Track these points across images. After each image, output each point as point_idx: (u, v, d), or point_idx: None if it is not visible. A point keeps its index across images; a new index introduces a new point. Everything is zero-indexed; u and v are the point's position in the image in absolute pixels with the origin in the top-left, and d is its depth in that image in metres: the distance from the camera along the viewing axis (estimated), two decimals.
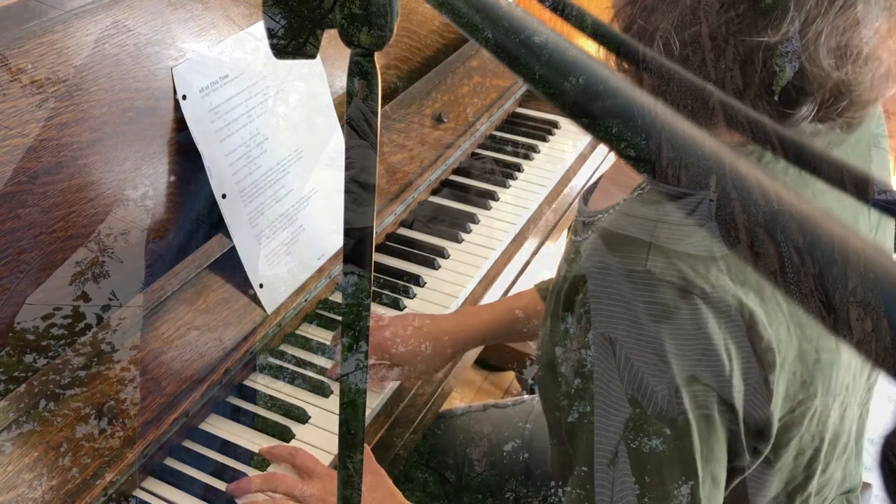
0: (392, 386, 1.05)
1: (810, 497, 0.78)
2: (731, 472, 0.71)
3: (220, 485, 0.91)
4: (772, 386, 0.65)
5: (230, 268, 1.01)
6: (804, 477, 0.76)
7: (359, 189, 0.31)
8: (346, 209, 0.31)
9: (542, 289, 1.13)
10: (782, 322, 0.64)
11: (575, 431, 0.73)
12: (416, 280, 1.21)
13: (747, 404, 0.65)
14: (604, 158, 1.61)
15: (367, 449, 0.95)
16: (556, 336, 0.78)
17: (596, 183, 0.84)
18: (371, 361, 1.03)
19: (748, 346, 0.63)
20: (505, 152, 1.52)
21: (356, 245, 0.32)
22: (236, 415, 0.99)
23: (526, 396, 1.30)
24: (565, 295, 0.71)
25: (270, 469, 0.93)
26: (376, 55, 0.30)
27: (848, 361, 0.73)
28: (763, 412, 0.66)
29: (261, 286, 1.04)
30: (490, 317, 1.11)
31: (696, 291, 0.61)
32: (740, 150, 0.63)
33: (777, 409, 0.67)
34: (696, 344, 0.62)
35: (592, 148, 1.57)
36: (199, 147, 0.97)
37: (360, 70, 0.30)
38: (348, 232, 0.32)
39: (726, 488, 0.71)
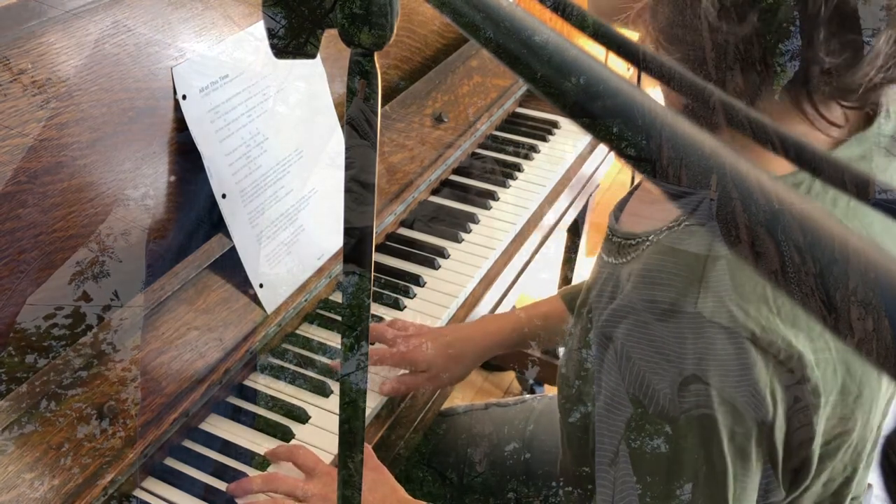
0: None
1: None
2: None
3: (220, 485, 0.91)
4: (815, 426, 0.64)
5: (230, 268, 1.01)
6: (832, 502, 0.75)
7: (359, 188, 0.31)
8: (347, 208, 0.31)
9: (566, 295, 1.13)
10: (829, 362, 0.63)
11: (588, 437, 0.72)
12: (416, 280, 1.21)
13: (788, 444, 0.65)
14: (604, 158, 1.61)
15: (368, 447, 0.95)
16: (583, 365, 0.77)
17: (626, 198, 0.82)
18: (399, 373, 1.05)
19: (795, 389, 0.62)
20: (505, 152, 1.52)
21: (356, 244, 0.32)
22: (236, 415, 0.99)
23: (527, 396, 1.30)
24: (604, 326, 0.69)
25: (271, 469, 0.93)
26: (376, 55, 0.30)
27: (886, 392, 0.72)
28: (804, 451, 0.66)
29: (261, 286, 1.04)
30: (513, 322, 1.12)
31: (746, 334, 0.60)
32: (788, 180, 0.62)
33: (818, 447, 0.66)
34: (742, 387, 0.61)
35: (592, 148, 1.57)
36: (199, 147, 0.97)
37: (361, 70, 0.30)
38: (348, 231, 0.32)
39: None
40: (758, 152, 0.29)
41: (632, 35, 0.66)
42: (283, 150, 1.08)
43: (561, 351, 1.65)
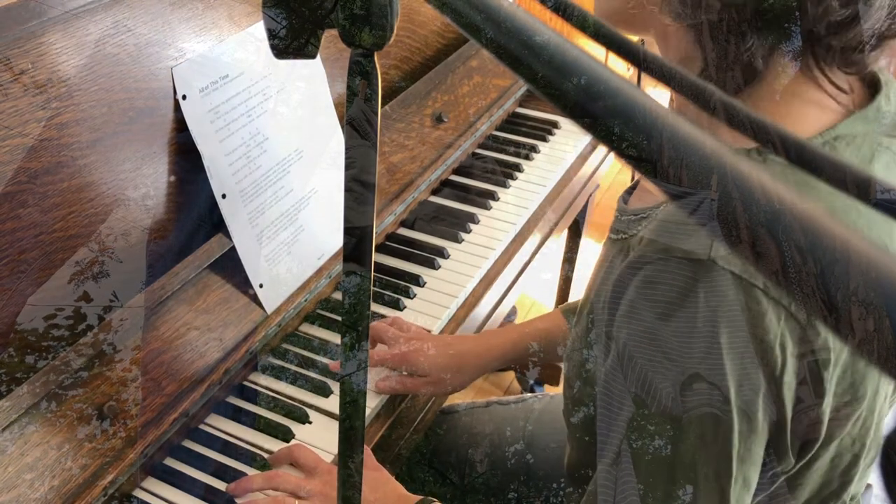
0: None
1: None
2: (773, 477, 0.70)
3: (221, 485, 0.91)
4: (825, 384, 0.64)
5: (230, 268, 1.01)
6: (840, 483, 0.75)
7: (359, 188, 0.31)
8: (347, 208, 0.31)
9: (567, 310, 1.13)
10: None
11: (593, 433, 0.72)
12: (416, 280, 1.21)
13: (798, 402, 0.64)
14: (604, 158, 1.61)
15: (367, 449, 0.95)
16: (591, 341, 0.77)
17: (634, 186, 0.82)
18: (398, 373, 1.05)
19: (806, 342, 0.62)
20: (505, 152, 1.52)
21: (356, 244, 0.32)
22: (236, 415, 0.99)
23: (527, 395, 1.30)
24: (613, 290, 0.69)
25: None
26: (376, 55, 0.30)
27: None
28: (814, 411, 0.65)
29: (261, 286, 1.04)
30: (515, 337, 1.12)
31: (759, 284, 0.60)
32: (744, 153, 0.63)
33: (828, 408, 0.66)
34: (751, 338, 0.61)
35: (592, 148, 1.57)
36: (199, 147, 0.97)
37: (361, 70, 0.30)
38: (348, 231, 0.32)
39: (763, 492, 0.70)
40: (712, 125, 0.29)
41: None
42: (283, 150, 1.08)
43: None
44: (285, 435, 0.97)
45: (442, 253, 1.26)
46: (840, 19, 0.60)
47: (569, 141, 1.57)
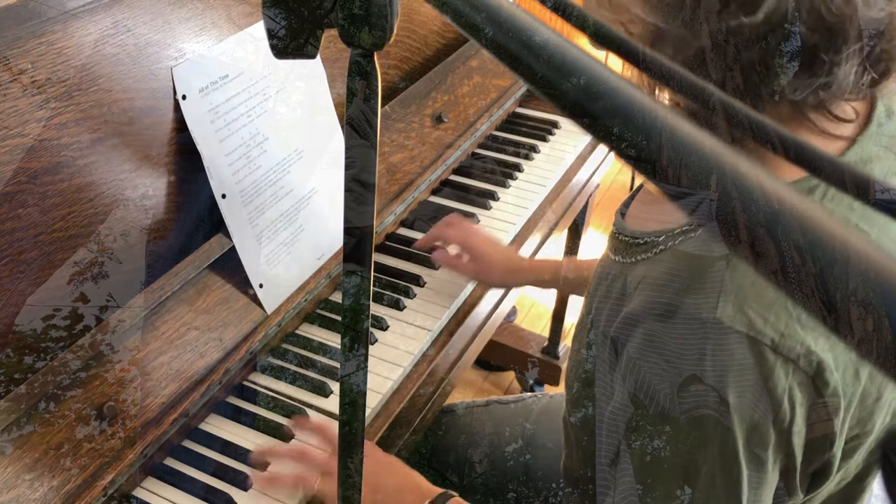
0: (392, 386, 1.05)
1: None
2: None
3: (220, 485, 0.91)
4: (835, 429, 0.64)
5: (230, 268, 1.01)
6: (844, 498, 0.75)
7: (359, 188, 0.31)
8: (347, 208, 0.31)
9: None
10: (850, 365, 0.63)
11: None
12: (417, 280, 1.21)
13: (809, 448, 0.64)
14: (604, 158, 1.61)
15: (372, 443, 0.96)
16: (599, 373, 0.76)
17: (631, 197, 0.81)
18: (454, 251, 1.20)
19: (815, 394, 0.62)
20: (505, 152, 1.52)
21: (356, 244, 0.32)
22: (236, 415, 0.99)
23: (527, 395, 1.30)
24: (615, 331, 0.68)
25: (271, 469, 0.93)
26: (376, 55, 0.30)
27: None
28: (825, 454, 0.66)
29: (261, 286, 1.04)
30: (555, 265, 1.22)
31: (766, 341, 0.60)
32: (801, 187, 0.62)
33: (839, 449, 0.66)
34: (759, 394, 0.61)
35: (592, 148, 1.57)
36: (199, 147, 0.97)
37: (361, 70, 0.30)
38: (348, 231, 0.32)
39: None
40: (767, 158, 0.29)
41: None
42: (283, 151, 1.08)
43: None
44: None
45: None
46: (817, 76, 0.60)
47: (569, 141, 1.57)
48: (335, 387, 1.03)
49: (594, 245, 2.37)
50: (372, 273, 0.33)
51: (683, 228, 0.67)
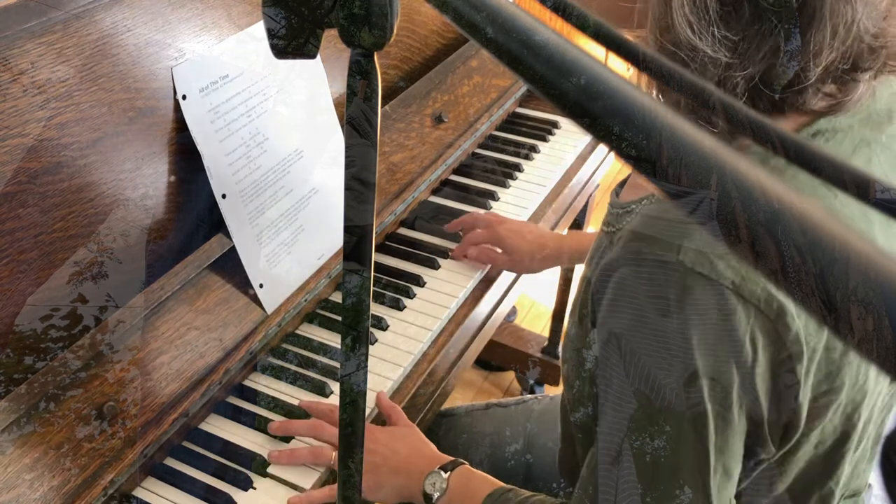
0: (392, 386, 1.05)
1: (832, 496, 0.78)
2: (756, 464, 0.72)
3: (221, 485, 0.91)
4: (799, 376, 0.65)
5: (230, 268, 1.01)
6: (823, 469, 0.76)
7: (359, 186, 0.31)
8: (347, 206, 0.31)
9: None
10: None
11: (590, 432, 0.73)
12: (417, 280, 1.21)
13: (774, 395, 0.66)
14: (604, 158, 1.61)
15: (399, 408, 1.01)
16: (581, 336, 0.78)
17: (627, 178, 0.85)
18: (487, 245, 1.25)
19: (776, 337, 0.64)
20: (505, 152, 1.52)
21: (356, 243, 0.32)
22: (236, 415, 0.99)
23: (527, 396, 1.30)
24: (595, 287, 0.72)
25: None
26: (376, 55, 0.30)
27: None
28: (791, 402, 0.67)
29: (261, 286, 1.04)
30: (587, 241, 1.24)
31: (726, 283, 0.62)
32: (743, 151, 0.63)
33: (805, 399, 0.67)
34: (721, 336, 0.63)
35: (592, 148, 1.57)
36: (199, 147, 0.97)
37: (361, 70, 0.30)
38: (349, 230, 0.32)
39: (749, 478, 0.72)
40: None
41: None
42: (283, 150, 1.08)
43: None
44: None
45: (442, 253, 1.26)
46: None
47: (569, 141, 1.57)
48: (335, 387, 1.03)
49: None
50: (372, 272, 0.33)
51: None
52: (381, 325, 1.13)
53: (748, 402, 0.65)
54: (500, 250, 1.24)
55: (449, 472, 0.91)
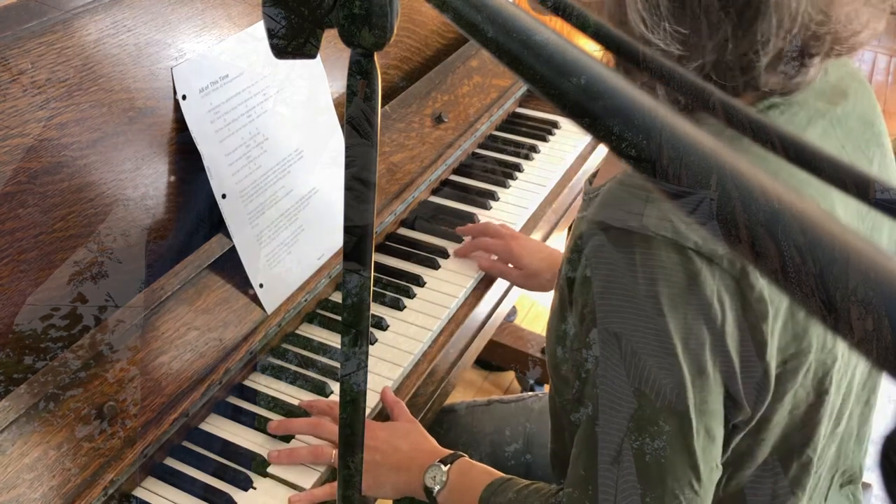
0: (392, 386, 1.05)
1: (811, 464, 0.78)
2: (734, 428, 0.73)
3: (221, 485, 0.91)
4: (766, 336, 0.67)
5: (230, 268, 1.01)
6: (801, 437, 0.77)
7: (359, 185, 0.31)
8: (347, 206, 0.31)
9: None
10: None
11: (578, 432, 0.73)
12: (417, 280, 1.21)
13: (744, 353, 0.67)
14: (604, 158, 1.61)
15: (402, 403, 1.01)
16: (559, 333, 0.78)
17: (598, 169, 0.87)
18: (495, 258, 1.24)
19: (740, 296, 0.65)
20: (505, 152, 1.52)
21: (357, 242, 0.32)
22: (236, 415, 0.99)
23: (527, 395, 1.30)
24: (566, 280, 0.73)
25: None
26: (376, 55, 0.30)
27: None
28: (760, 362, 0.68)
29: (261, 286, 1.04)
30: None
31: (689, 244, 0.64)
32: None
33: (773, 359, 0.68)
34: (689, 296, 0.64)
35: (592, 148, 1.57)
36: (199, 147, 0.97)
37: (361, 70, 0.30)
38: (349, 229, 0.32)
39: (730, 447, 0.73)
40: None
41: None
42: (283, 150, 1.08)
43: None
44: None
45: (442, 253, 1.26)
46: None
47: (569, 141, 1.57)
48: (335, 387, 1.03)
49: None
50: (372, 272, 0.33)
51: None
52: (381, 325, 1.13)
53: (720, 360, 0.67)
54: (510, 265, 1.24)
55: (449, 465, 0.91)
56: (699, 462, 0.68)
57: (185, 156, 0.99)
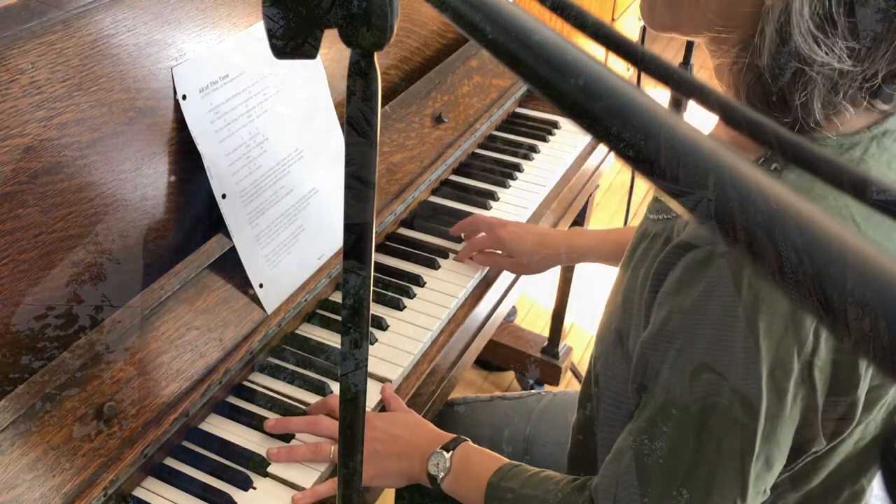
0: (392, 386, 1.05)
1: (863, 493, 0.78)
2: (801, 456, 0.72)
3: (220, 485, 0.91)
4: (860, 370, 0.66)
5: (230, 268, 1.01)
6: (857, 465, 0.76)
7: (359, 184, 0.31)
8: (347, 205, 0.31)
9: None
10: None
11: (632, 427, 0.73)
12: (417, 280, 1.21)
13: (833, 387, 0.66)
14: (604, 158, 1.61)
15: (399, 398, 1.01)
16: (629, 315, 0.78)
17: None
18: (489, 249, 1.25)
19: None
20: (505, 152, 1.52)
21: (356, 241, 0.32)
22: (236, 415, 0.99)
23: (528, 393, 1.30)
24: (656, 272, 0.72)
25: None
26: (376, 55, 0.30)
27: None
28: (849, 396, 0.67)
29: (261, 286, 1.04)
30: (593, 241, 1.25)
31: None
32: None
33: (863, 393, 0.68)
34: (788, 325, 0.64)
35: (592, 148, 1.57)
36: (199, 147, 0.97)
37: (360, 70, 0.30)
38: (348, 228, 0.32)
39: (790, 471, 0.72)
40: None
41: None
42: (283, 150, 1.09)
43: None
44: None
45: (442, 253, 1.26)
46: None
47: (569, 141, 1.57)
48: (335, 386, 1.03)
49: None
50: (372, 272, 0.33)
51: None
52: (381, 325, 1.13)
53: (804, 392, 0.66)
54: (501, 253, 1.24)
55: (451, 451, 0.91)
56: (749, 486, 0.67)
57: (184, 156, 0.99)
